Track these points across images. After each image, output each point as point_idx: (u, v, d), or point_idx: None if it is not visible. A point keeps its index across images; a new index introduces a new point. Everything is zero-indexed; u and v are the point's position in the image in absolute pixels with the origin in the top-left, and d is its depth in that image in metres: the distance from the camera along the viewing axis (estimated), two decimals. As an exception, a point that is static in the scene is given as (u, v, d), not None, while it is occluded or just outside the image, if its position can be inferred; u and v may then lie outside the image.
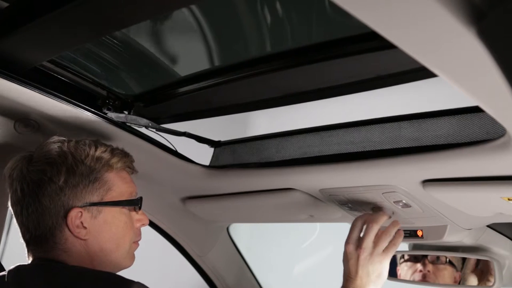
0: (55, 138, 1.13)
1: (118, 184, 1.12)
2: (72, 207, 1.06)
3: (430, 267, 1.53)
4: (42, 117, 1.25)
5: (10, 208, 1.11)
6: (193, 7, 1.14)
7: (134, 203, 1.14)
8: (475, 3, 0.53)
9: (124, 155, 1.16)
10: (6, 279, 1.02)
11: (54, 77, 1.28)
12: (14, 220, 1.10)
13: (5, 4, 1.01)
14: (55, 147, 1.09)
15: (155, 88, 1.42)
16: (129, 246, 1.13)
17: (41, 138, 1.27)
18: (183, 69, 1.38)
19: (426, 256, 1.54)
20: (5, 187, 1.37)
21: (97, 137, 1.24)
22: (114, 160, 1.12)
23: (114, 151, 1.14)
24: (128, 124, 1.35)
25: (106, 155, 1.11)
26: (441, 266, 1.52)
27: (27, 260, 1.09)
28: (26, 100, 1.18)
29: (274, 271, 2.78)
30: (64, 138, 1.12)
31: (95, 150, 1.11)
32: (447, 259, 1.51)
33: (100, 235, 1.08)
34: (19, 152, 1.14)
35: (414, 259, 1.56)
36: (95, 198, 1.08)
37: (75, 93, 1.29)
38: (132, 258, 1.15)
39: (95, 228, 1.08)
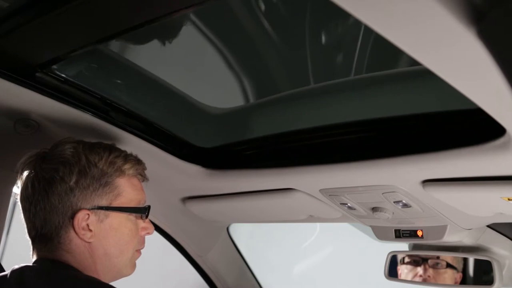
0: (71, 138, 1.13)
1: (128, 191, 1.12)
2: (80, 209, 1.06)
3: (430, 271, 1.53)
4: (42, 117, 1.25)
5: (10, 208, 1.11)
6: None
7: (142, 211, 1.15)
8: (475, 3, 0.53)
9: (137, 162, 1.17)
10: (8, 279, 1.02)
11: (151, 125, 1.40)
12: (14, 220, 1.11)
13: (6, 4, 1.01)
14: (70, 147, 1.10)
15: (230, 143, 1.50)
16: (132, 254, 1.13)
17: (41, 139, 1.27)
18: (258, 129, 1.47)
19: (426, 260, 1.54)
20: (6, 186, 1.38)
21: (96, 137, 1.24)
22: (127, 166, 1.13)
23: (127, 157, 1.15)
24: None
25: (119, 161, 1.12)
26: (442, 271, 1.52)
27: (30, 257, 1.09)
28: (26, 100, 1.18)
29: (274, 271, 2.78)
30: (79, 140, 1.13)
31: (109, 155, 1.11)
32: (447, 264, 1.51)
33: (105, 240, 1.08)
34: (19, 152, 1.14)
35: (414, 262, 1.56)
36: (103, 202, 1.08)
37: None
38: (133, 266, 1.15)
39: (101, 232, 1.08)
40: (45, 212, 1.06)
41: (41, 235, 1.07)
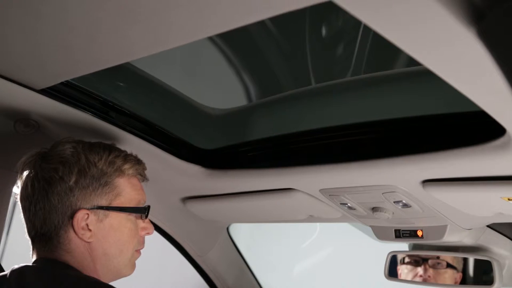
0: (70, 138, 1.13)
1: (127, 191, 1.12)
2: (79, 208, 1.06)
3: (430, 272, 1.53)
4: (42, 117, 1.25)
5: (10, 208, 1.11)
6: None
7: (141, 211, 1.15)
8: (475, 3, 0.53)
9: (137, 162, 1.17)
10: (8, 279, 1.02)
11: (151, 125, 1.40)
12: (14, 220, 1.11)
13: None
14: (69, 147, 1.10)
15: (229, 144, 1.50)
16: (131, 254, 1.13)
17: (41, 139, 1.27)
18: (258, 130, 1.48)
19: (426, 260, 1.54)
20: (6, 186, 1.37)
21: (96, 137, 1.24)
22: (127, 166, 1.13)
23: (127, 157, 1.15)
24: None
25: (119, 160, 1.12)
26: (442, 271, 1.52)
27: (30, 257, 1.09)
28: (26, 100, 1.18)
29: (274, 271, 2.78)
30: (79, 139, 1.13)
31: (109, 154, 1.11)
32: (447, 264, 1.51)
33: (104, 239, 1.08)
34: (19, 152, 1.14)
35: (414, 262, 1.56)
36: (103, 202, 1.08)
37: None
38: (133, 266, 1.15)
39: (100, 232, 1.08)
40: (45, 211, 1.06)
41: (41, 234, 1.07)
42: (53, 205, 1.05)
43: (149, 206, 1.16)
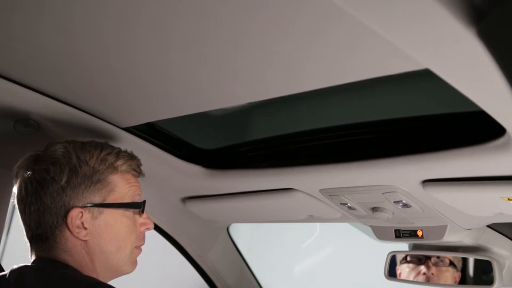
0: (63, 139, 1.13)
1: (120, 186, 1.11)
2: (72, 207, 1.06)
3: (433, 269, 1.53)
4: (42, 117, 1.25)
5: (10, 208, 1.11)
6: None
7: (136, 206, 1.14)
8: (475, 3, 0.53)
9: (130, 158, 1.16)
10: (7, 279, 1.02)
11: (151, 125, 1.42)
12: (14, 220, 1.11)
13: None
14: (60, 147, 1.10)
15: (230, 144, 1.51)
16: (130, 250, 1.12)
17: (41, 139, 1.27)
18: (258, 130, 1.50)
19: (429, 258, 1.53)
20: (6, 186, 1.37)
21: (96, 137, 1.24)
22: (119, 162, 1.12)
23: (120, 154, 1.14)
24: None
25: (111, 157, 1.12)
26: (444, 268, 1.52)
27: (29, 258, 1.09)
28: (26, 100, 1.18)
29: (274, 271, 2.78)
30: (71, 139, 1.13)
31: (100, 152, 1.11)
32: (450, 261, 1.51)
33: (100, 237, 1.08)
34: (19, 152, 1.14)
35: (417, 260, 1.56)
36: (96, 199, 1.08)
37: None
38: (133, 263, 1.14)
39: (95, 229, 1.07)
40: (39, 213, 1.06)
41: (37, 235, 1.07)
42: (47, 205, 1.05)
43: (144, 201, 1.15)
